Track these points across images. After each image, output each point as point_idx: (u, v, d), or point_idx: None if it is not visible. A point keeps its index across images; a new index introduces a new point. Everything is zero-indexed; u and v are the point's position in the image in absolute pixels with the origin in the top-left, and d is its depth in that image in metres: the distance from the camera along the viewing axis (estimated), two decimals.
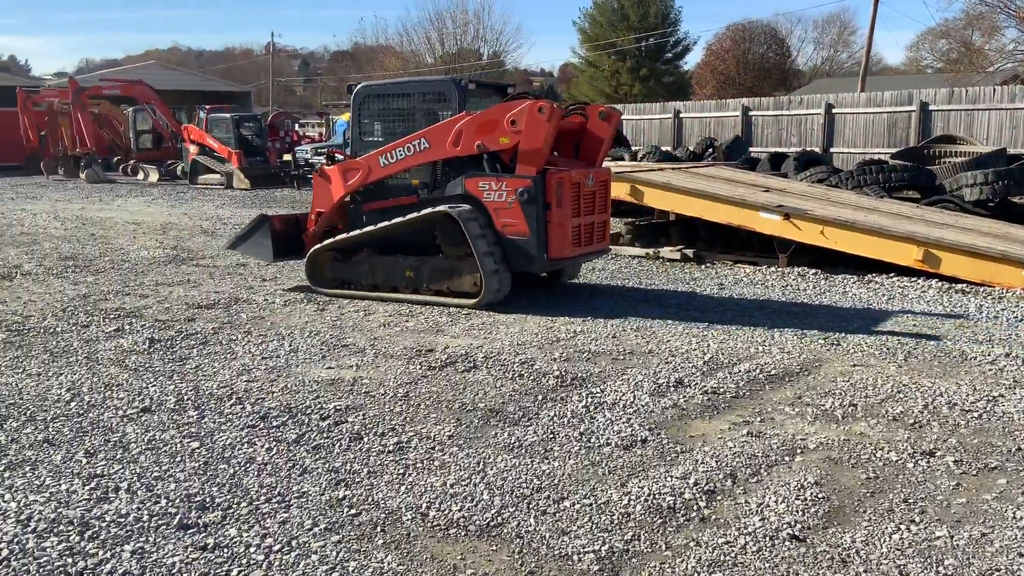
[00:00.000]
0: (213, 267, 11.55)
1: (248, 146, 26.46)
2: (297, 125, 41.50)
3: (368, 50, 63.44)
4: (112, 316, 8.54)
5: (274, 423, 5.55)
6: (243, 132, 26.67)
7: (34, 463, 4.88)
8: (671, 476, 4.73)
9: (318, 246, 9.65)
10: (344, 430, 5.42)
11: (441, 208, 8.76)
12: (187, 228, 16.03)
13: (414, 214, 8.97)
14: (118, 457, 4.97)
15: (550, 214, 8.50)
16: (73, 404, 5.91)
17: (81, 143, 30.20)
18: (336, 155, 10.28)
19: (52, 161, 30.80)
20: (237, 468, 4.83)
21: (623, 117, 27.42)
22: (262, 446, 5.16)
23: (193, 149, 26.87)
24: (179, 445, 5.17)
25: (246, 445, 5.17)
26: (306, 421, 5.59)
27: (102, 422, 5.56)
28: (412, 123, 9.28)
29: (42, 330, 8.00)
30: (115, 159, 31.29)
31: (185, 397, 6.05)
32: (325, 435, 5.34)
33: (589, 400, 5.95)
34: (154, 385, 6.32)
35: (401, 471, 4.80)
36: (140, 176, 28.91)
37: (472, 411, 5.76)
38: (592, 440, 5.25)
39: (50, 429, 5.43)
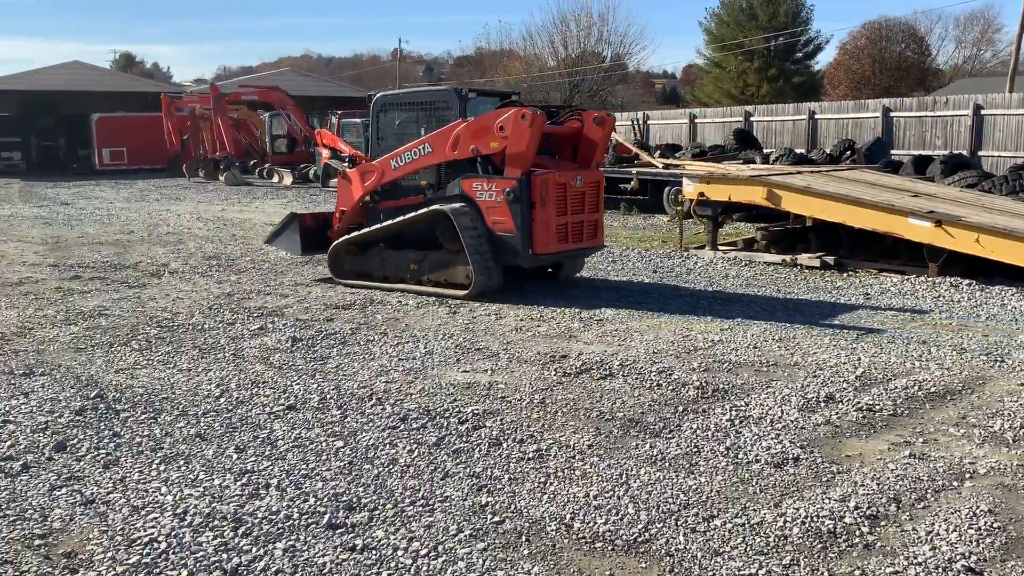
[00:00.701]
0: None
1: None
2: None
3: (491, 55, 64.07)
4: (255, 314, 8.82)
5: (414, 425, 5.56)
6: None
7: (188, 457, 5.04)
8: (829, 498, 4.47)
9: (338, 241, 10.54)
10: (483, 435, 5.38)
11: (436, 207, 9.54)
12: None
13: (414, 212, 9.80)
14: (267, 454, 5.08)
15: (534, 213, 9.15)
16: (222, 400, 6.09)
17: (220, 147, 31.61)
18: (358, 159, 11.35)
19: (193, 164, 32.36)
20: (381, 469, 4.85)
21: (753, 119, 26.73)
22: (404, 448, 5.17)
23: (325, 153, 27.60)
24: (324, 444, 5.24)
25: (388, 446, 5.20)
26: (445, 424, 5.58)
27: (250, 418, 5.70)
28: (419, 130, 10.03)
29: (190, 327, 8.33)
30: (251, 162, 32.59)
31: (328, 396, 6.15)
32: (464, 439, 5.31)
33: (733, 413, 5.72)
34: (298, 383, 6.46)
35: (542, 479, 4.71)
36: (275, 179, 30.01)
37: (610, 420, 5.63)
38: (740, 456, 5.03)
39: (201, 424, 5.61)
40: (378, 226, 10.19)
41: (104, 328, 8.23)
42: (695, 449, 5.13)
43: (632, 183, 18.37)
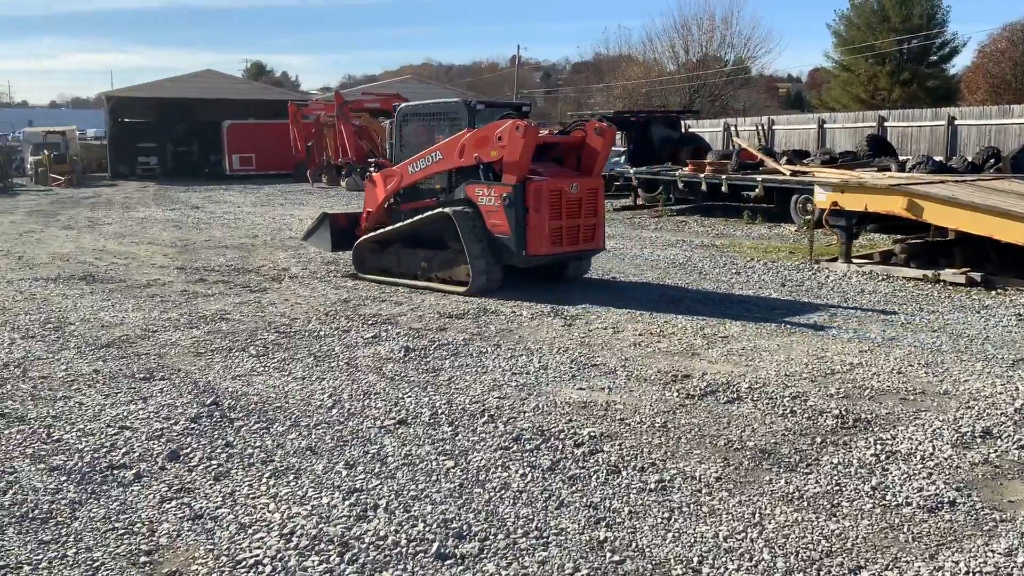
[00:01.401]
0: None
1: None
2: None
3: (609, 60, 63.49)
4: (370, 322, 8.75)
5: (527, 446, 5.29)
6: None
7: (297, 471, 4.91)
8: (992, 551, 3.95)
9: (361, 239, 11.41)
10: (600, 460, 5.06)
11: (441, 210, 10.29)
12: None
13: (422, 215, 10.63)
14: (376, 471, 4.90)
15: (528, 217, 9.77)
16: (334, 411, 5.97)
17: (343, 153, 32.29)
18: (383, 164, 12.01)
19: (317, 170, 33.19)
20: (492, 494, 4.60)
21: (887, 124, 25.38)
22: (516, 471, 4.91)
23: None
24: (434, 463, 5.03)
25: (500, 469, 4.94)
26: (560, 447, 5.28)
27: (361, 432, 5.55)
28: (434, 138, 10.74)
29: (307, 333, 8.32)
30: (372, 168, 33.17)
31: (439, 411, 5.95)
32: (580, 464, 5.00)
33: (878, 448, 5.20)
34: (409, 396, 6.29)
35: (666, 515, 4.35)
36: None
37: (740, 450, 5.21)
38: (887, 497, 4.53)
39: (312, 436, 5.49)
40: (394, 226, 11.04)
41: (224, 332, 8.31)
42: (837, 488, 4.66)
43: (757, 190, 17.65)
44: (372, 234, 11.31)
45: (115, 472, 4.88)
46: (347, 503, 4.46)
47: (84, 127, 57.27)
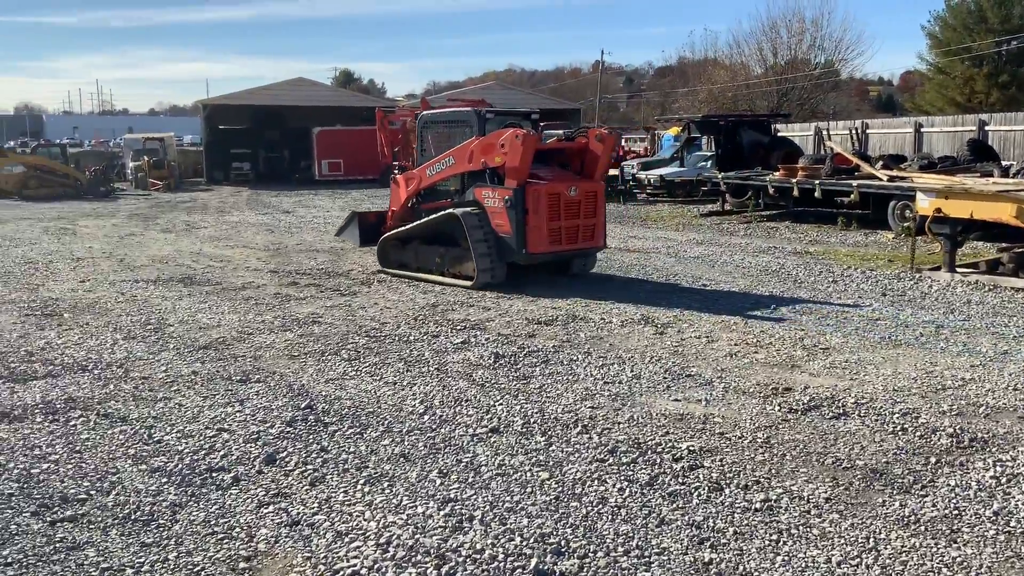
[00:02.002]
0: (549, 280, 11.57)
1: None
2: (625, 140, 41.83)
3: (694, 64, 62.60)
4: (459, 327, 8.72)
5: (623, 459, 5.15)
6: None
7: (391, 479, 4.88)
8: None
9: (384, 236, 12.30)
10: (701, 476, 4.88)
11: (451, 211, 11.14)
12: None
13: (434, 215, 11.54)
14: (470, 481, 4.83)
15: (528, 218, 10.57)
16: (426, 417, 5.94)
17: None
18: (405, 167, 12.88)
19: None
20: (590, 508, 4.47)
21: (988, 128, 24.33)
22: (613, 485, 4.77)
23: None
24: (529, 474, 4.93)
25: (597, 482, 4.81)
26: (657, 461, 5.13)
27: (453, 440, 5.50)
28: (449, 144, 11.52)
29: (396, 337, 8.33)
30: None
31: (531, 420, 5.85)
32: (680, 480, 4.83)
33: (998, 469, 4.89)
34: (500, 403, 6.22)
35: (774, 537, 4.15)
36: None
37: (849, 469, 4.96)
38: (1011, 524, 4.24)
39: (406, 443, 5.46)
40: (412, 225, 11.91)
41: (317, 336, 8.39)
42: (955, 512, 4.39)
43: (852, 196, 17.07)
44: (394, 232, 12.19)
45: (214, 475, 4.93)
46: (442, 513, 4.40)
47: (181, 134, 59.29)
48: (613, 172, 28.64)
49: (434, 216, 11.54)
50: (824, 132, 28.05)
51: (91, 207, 26.11)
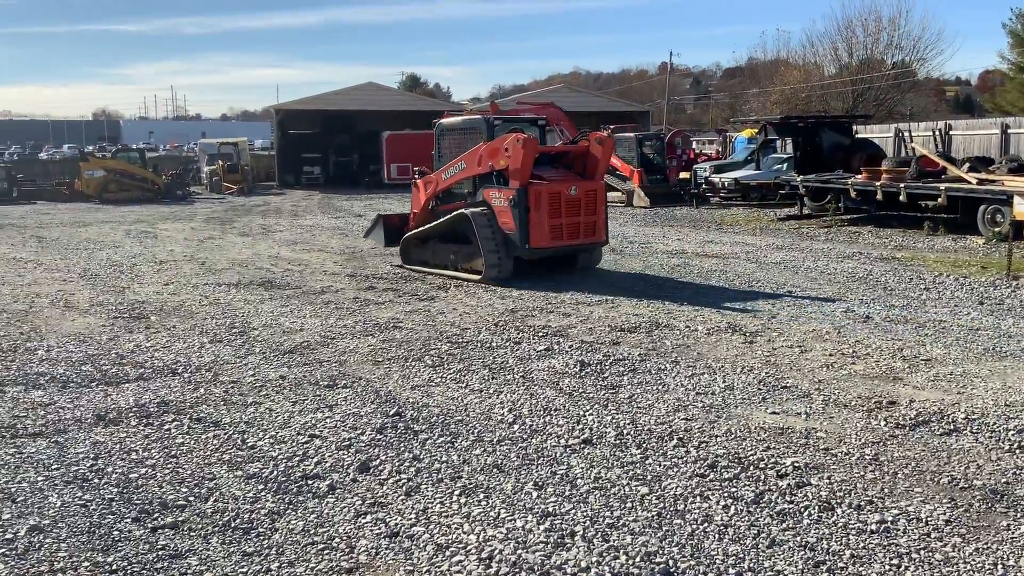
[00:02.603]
0: (628, 287, 11.39)
1: (649, 165, 26.60)
2: (695, 143, 41.26)
3: (765, 65, 61.49)
4: (540, 334, 8.60)
5: (725, 475, 4.96)
6: (645, 151, 26.88)
7: (487, 490, 4.78)
8: None
9: (406, 236, 13.37)
10: (809, 494, 4.67)
11: (462, 211, 12.10)
12: None
13: (448, 215, 12.47)
14: (567, 494, 4.70)
15: (530, 215, 11.46)
16: (516, 427, 5.83)
17: None
18: (425, 171, 13.50)
19: None
20: (695, 527, 4.30)
21: None
22: (717, 502, 4.59)
23: None
24: (627, 488, 4.78)
25: (699, 499, 4.64)
26: (761, 477, 4.93)
27: (546, 451, 5.38)
28: (462, 149, 12.49)
29: (479, 344, 8.25)
30: None
31: (624, 431, 5.70)
32: (788, 499, 4.63)
33: None
34: (591, 413, 6.08)
35: (894, 561, 3.93)
36: None
37: (967, 489, 4.69)
38: None
39: (497, 452, 5.36)
40: (429, 225, 12.91)
41: (399, 341, 8.36)
42: None
43: (939, 199, 16.48)
44: (414, 232, 13.26)
45: (309, 482, 4.90)
46: (542, 527, 4.28)
47: (251, 138, 60.45)
48: (684, 175, 28.28)
49: (448, 216, 12.48)
50: (905, 134, 27.23)
51: (168, 210, 26.74)
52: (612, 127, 29.88)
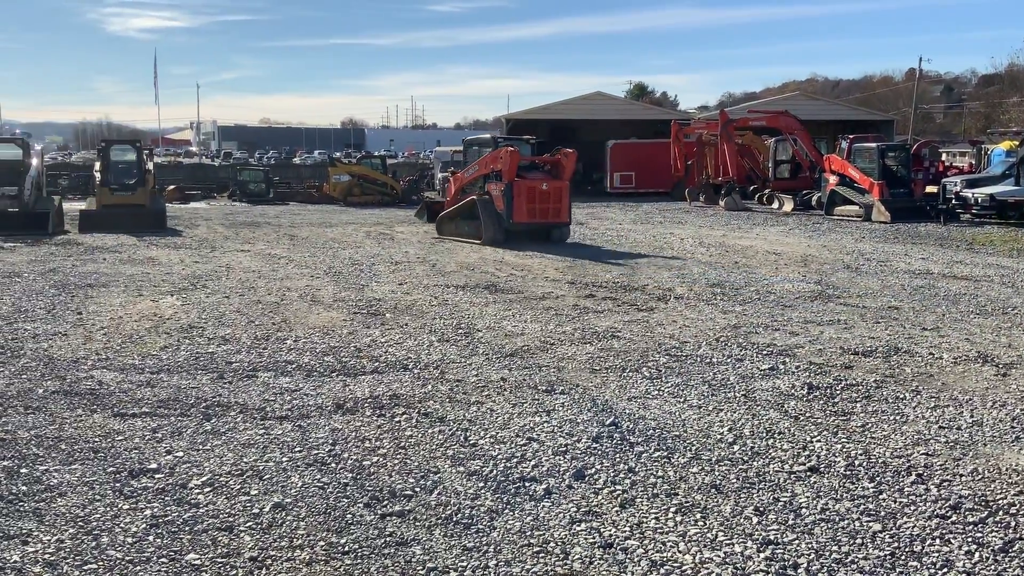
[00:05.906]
0: (863, 307, 10.73)
1: (892, 177, 24.89)
2: (944, 155, 38.23)
3: None
4: (764, 352, 8.29)
5: (970, 518, 4.54)
6: (887, 162, 25.18)
7: (704, 510, 4.66)
8: None
9: (440, 215, 20.35)
10: None
11: (473, 198, 18.73)
12: (828, 261, 15.42)
13: (464, 201, 19.31)
14: (791, 523, 4.49)
15: (514, 201, 17.87)
16: (736, 447, 5.65)
17: (723, 172, 31.82)
18: (455, 171, 21.93)
19: (695, 188, 33.03)
20: (932, 571, 3.97)
21: None
22: (959, 547, 4.21)
23: (832, 179, 26.26)
24: (857, 523, 4.49)
25: (939, 541, 4.28)
26: (1012, 524, 4.47)
27: (768, 475, 5.17)
28: (477, 157, 19.79)
29: (698, 358, 8.08)
30: (751, 188, 32.30)
31: (856, 462, 5.36)
32: None
33: None
34: (818, 440, 5.77)
35: None
36: (775, 205, 29.33)
37: None
38: None
39: (716, 472, 5.21)
40: (453, 207, 19.69)
41: (616, 351, 8.36)
42: None
43: None
44: (444, 212, 20.18)
45: (526, 484, 5.00)
46: (762, 556, 4.11)
47: None
48: (931, 189, 26.24)
49: (464, 202, 19.24)
50: None
51: (404, 214, 28.28)
52: (852, 138, 28.32)
